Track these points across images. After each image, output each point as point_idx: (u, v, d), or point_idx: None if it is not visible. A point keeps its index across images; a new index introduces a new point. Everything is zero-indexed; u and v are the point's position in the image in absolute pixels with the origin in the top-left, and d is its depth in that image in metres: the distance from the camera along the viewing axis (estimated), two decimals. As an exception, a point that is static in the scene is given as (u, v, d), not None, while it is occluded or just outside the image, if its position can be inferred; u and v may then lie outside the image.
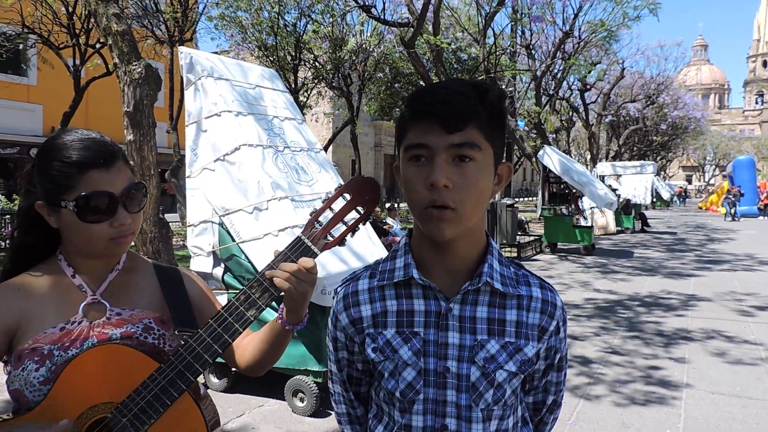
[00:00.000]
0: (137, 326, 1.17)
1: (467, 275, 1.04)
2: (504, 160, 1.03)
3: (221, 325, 1.08)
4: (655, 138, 38.16)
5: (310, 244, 1.09)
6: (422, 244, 1.05)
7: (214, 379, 4.18)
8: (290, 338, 1.21)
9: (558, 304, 1.08)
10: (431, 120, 0.94)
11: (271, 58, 16.57)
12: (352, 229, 1.11)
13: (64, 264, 1.18)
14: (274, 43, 16.43)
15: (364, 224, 1.12)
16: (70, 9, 12.66)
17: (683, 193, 45.98)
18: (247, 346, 1.26)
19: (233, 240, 3.91)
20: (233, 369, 4.14)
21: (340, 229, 1.12)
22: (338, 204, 1.11)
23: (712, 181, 64.87)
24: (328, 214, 1.11)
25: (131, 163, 4.55)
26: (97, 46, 13.16)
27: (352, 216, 1.11)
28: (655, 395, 4.27)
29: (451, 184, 0.93)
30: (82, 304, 1.15)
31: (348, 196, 1.10)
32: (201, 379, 4.12)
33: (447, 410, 1.02)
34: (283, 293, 1.10)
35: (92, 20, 9.57)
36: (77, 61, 13.40)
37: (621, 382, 4.53)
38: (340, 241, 1.11)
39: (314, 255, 1.09)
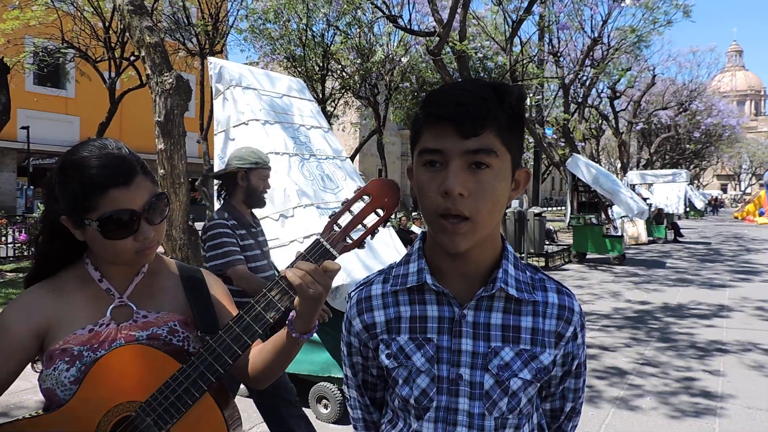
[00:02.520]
0: (163, 329, 1.20)
1: (482, 280, 1.00)
2: (523, 165, 1.00)
3: (240, 326, 1.08)
4: (688, 146, 37.24)
5: (328, 246, 1.08)
6: (435, 249, 1.02)
7: (240, 385, 4.22)
8: (298, 350, 1.18)
9: (576, 309, 1.03)
10: (446, 124, 0.89)
11: (299, 69, 16.83)
12: (372, 231, 1.10)
13: (92, 269, 1.21)
14: (302, 54, 16.71)
15: (384, 226, 1.11)
16: (107, 24, 13.10)
17: (714, 202, 43.07)
18: (253, 355, 1.25)
19: (259, 247, 3.95)
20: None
21: (360, 231, 1.10)
22: (358, 207, 1.09)
23: (748, 190, 62.93)
24: (347, 217, 1.09)
25: (162, 171, 4.67)
26: (132, 58, 13.57)
27: (373, 219, 1.09)
28: (688, 408, 4.14)
29: (466, 192, 0.88)
30: (110, 307, 1.18)
31: (367, 199, 1.09)
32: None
33: (458, 418, 0.99)
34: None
35: (127, 34, 9.87)
36: (113, 74, 13.83)
37: (653, 394, 4.40)
38: (360, 243, 1.10)
39: (333, 257, 1.08)
